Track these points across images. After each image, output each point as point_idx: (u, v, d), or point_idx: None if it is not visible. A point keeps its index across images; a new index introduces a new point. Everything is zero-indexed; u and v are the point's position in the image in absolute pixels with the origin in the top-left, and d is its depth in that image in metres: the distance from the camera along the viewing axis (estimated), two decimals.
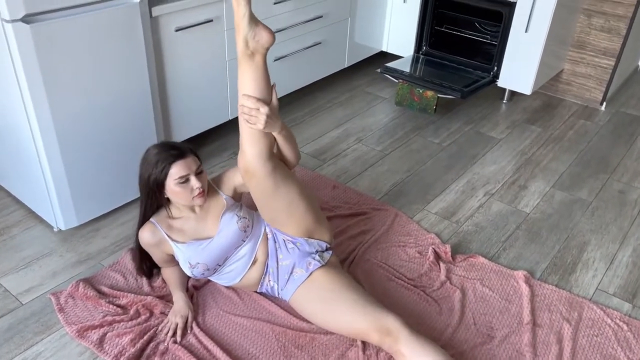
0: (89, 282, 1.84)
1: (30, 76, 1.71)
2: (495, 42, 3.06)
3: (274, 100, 1.57)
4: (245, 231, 1.70)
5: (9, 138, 1.98)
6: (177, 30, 2.15)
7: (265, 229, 1.75)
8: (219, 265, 1.71)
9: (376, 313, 1.56)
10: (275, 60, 2.69)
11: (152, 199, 1.66)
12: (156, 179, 1.60)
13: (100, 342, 1.64)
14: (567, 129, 3.00)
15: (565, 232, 2.22)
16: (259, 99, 1.53)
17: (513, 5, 2.87)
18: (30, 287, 1.84)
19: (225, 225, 1.69)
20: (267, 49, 1.52)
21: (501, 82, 3.09)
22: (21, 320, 1.72)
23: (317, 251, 1.73)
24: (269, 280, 1.75)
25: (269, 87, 1.57)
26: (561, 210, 2.35)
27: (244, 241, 1.71)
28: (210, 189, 1.73)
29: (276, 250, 1.73)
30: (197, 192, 1.63)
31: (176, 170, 1.59)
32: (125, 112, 2.02)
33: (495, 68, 3.08)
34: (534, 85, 2.99)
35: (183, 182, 1.61)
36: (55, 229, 2.06)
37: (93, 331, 1.67)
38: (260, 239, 1.74)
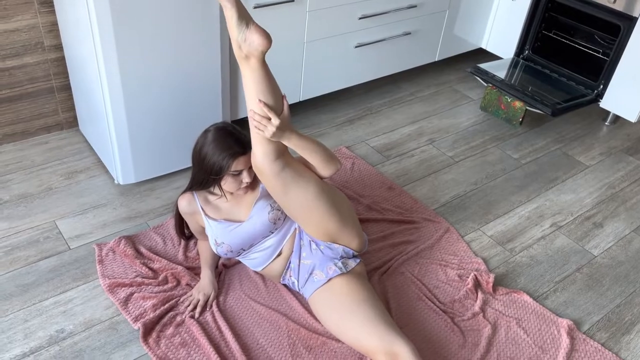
0: (131, 240, 1.94)
1: (104, 34, 1.78)
2: (607, 57, 2.75)
3: (285, 111, 1.53)
4: (274, 223, 1.69)
5: (87, 89, 2.10)
6: (255, 7, 2.13)
7: (296, 225, 1.73)
8: (243, 250, 1.73)
9: (387, 335, 1.51)
10: (356, 46, 2.61)
11: (207, 180, 1.69)
12: (220, 167, 1.61)
13: (126, 301, 1.73)
14: None
15: (632, 286, 2.00)
16: (270, 109, 1.50)
17: (634, 20, 2.55)
18: (80, 233, 1.97)
19: (256, 213, 1.69)
20: (263, 53, 1.45)
21: (604, 103, 2.79)
22: (64, 264, 1.85)
23: (341, 257, 1.69)
24: (290, 276, 1.75)
25: (275, 90, 1.52)
26: (635, 260, 2.11)
27: (272, 233, 1.71)
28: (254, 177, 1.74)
29: (300, 248, 1.71)
30: (244, 185, 1.67)
31: (235, 164, 1.62)
32: (194, 81, 2.06)
33: (602, 86, 2.78)
34: None
35: (236, 175, 1.65)
36: (115, 182, 2.18)
37: (122, 288, 1.76)
38: (289, 235, 1.73)
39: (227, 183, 1.67)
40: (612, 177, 2.56)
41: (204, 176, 1.67)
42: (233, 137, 1.63)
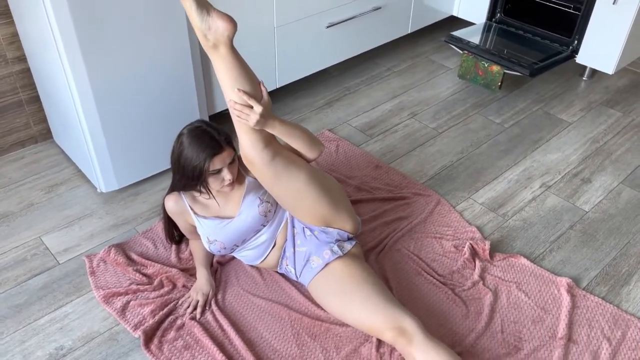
0: (121, 247, 1.90)
1: (67, 39, 1.72)
2: (579, 12, 2.74)
3: (265, 97, 1.49)
4: (265, 216, 1.67)
5: (56, 99, 2.04)
6: None
7: (287, 214, 1.71)
8: (237, 246, 1.71)
9: (392, 311, 1.50)
10: (328, 27, 2.56)
11: (188, 182, 1.64)
12: (200, 171, 1.57)
13: (123, 310, 1.69)
14: None
15: (626, 237, 2.01)
16: (250, 96, 1.45)
17: None
18: (68, 247, 1.93)
19: (245, 208, 1.66)
20: (230, 38, 1.40)
21: (581, 59, 2.79)
22: (55, 280, 1.81)
23: (336, 240, 1.67)
24: (287, 264, 1.73)
25: (250, 76, 1.47)
26: (626, 211, 2.12)
27: (264, 226, 1.68)
28: (238, 171, 1.70)
29: (294, 236, 1.69)
30: (226, 182, 1.63)
31: (213, 164, 1.57)
32: (165, 78, 2.01)
33: (576, 42, 2.78)
34: (617, 64, 2.67)
35: (216, 173, 1.60)
36: (98, 191, 2.13)
37: (118, 298, 1.73)
38: (282, 225, 1.71)
39: (209, 182, 1.63)
40: (595, 131, 2.57)
41: (186, 181, 1.63)
42: (207, 136, 1.56)
